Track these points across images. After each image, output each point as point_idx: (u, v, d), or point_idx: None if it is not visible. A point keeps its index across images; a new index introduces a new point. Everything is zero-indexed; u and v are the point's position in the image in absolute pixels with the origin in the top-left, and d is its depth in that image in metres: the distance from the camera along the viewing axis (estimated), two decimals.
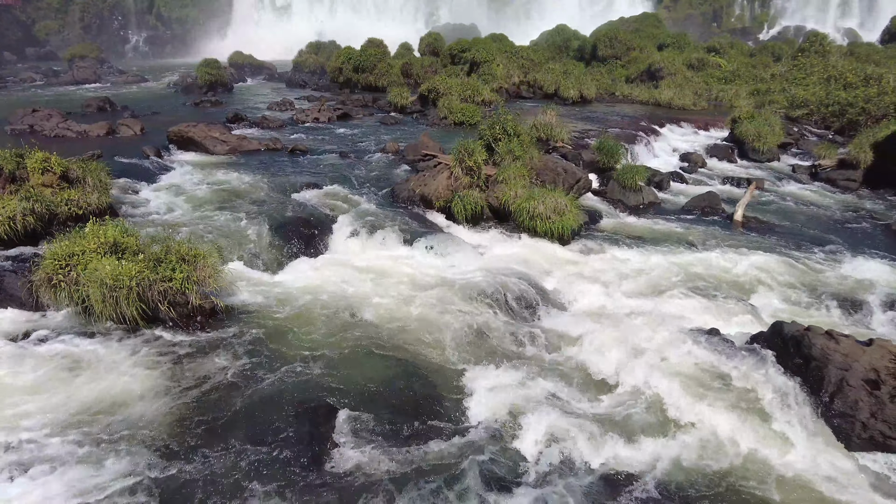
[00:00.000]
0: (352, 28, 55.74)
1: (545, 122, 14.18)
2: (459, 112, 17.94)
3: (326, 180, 11.52)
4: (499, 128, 11.35)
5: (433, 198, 10.34)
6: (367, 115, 20.54)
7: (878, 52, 32.90)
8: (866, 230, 11.24)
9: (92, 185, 9.35)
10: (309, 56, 35.25)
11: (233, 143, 14.64)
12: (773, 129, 17.02)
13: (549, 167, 11.45)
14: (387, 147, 14.36)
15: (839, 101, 20.56)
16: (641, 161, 14.74)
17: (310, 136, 16.71)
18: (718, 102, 23.73)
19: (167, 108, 22.50)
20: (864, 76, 22.00)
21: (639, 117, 19.61)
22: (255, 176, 11.81)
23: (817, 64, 26.36)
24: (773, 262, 9.14)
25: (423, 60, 29.06)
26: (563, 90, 23.57)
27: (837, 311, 7.87)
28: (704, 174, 14.79)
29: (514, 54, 27.36)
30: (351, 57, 27.57)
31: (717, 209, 11.73)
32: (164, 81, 33.40)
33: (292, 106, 22.14)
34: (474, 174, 10.44)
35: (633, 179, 11.93)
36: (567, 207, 9.58)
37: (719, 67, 27.67)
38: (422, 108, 21.23)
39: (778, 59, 30.92)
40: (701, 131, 19.18)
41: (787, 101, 22.19)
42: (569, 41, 33.72)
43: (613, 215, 11.32)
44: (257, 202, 10.14)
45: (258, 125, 18.05)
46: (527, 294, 7.62)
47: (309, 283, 7.79)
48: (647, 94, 23.87)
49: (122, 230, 7.24)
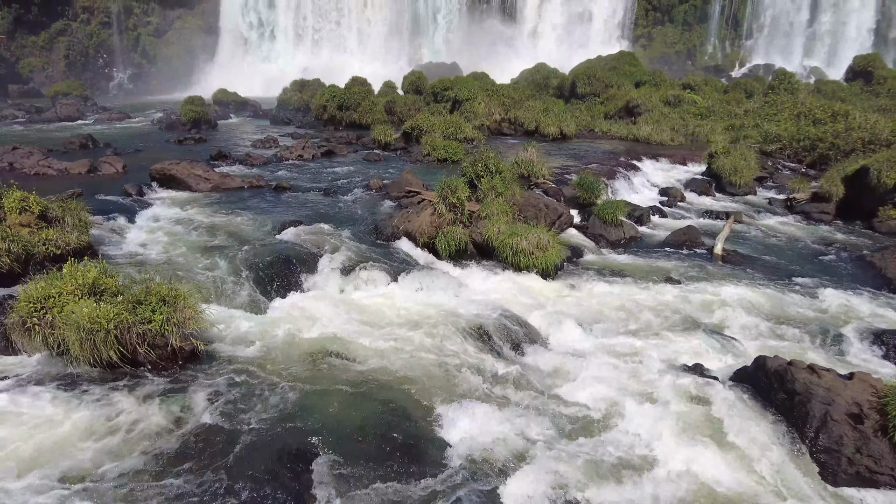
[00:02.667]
0: (336, 66, 56.64)
1: (526, 158, 14.43)
2: (443, 149, 18.19)
3: (310, 218, 11.52)
4: (481, 165, 11.52)
5: (417, 234, 10.39)
6: (351, 152, 20.72)
7: (844, 89, 34.24)
8: (842, 262, 11.47)
9: (71, 225, 9.25)
10: (293, 94, 35.65)
11: (216, 181, 14.64)
12: (748, 163, 17.45)
13: (532, 203, 11.60)
14: (371, 184, 14.46)
15: (810, 137, 21.23)
16: (621, 196, 15.00)
17: (294, 173, 16.77)
18: (695, 137, 24.35)
19: (150, 145, 22.50)
20: (832, 112, 22.79)
21: (618, 153, 20.04)
22: (238, 214, 11.78)
23: (787, 101, 27.28)
24: (753, 294, 9.27)
25: (407, 98, 29.56)
26: (544, 127, 24.06)
27: (818, 343, 7.96)
28: (684, 208, 15.08)
29: (496, 92, 27.97)
30: (335, 95, 27.96)
31: (698, 243, 11.92)
32: (148, 118, 33.48)
33: (276, 143, 22.27)
34: (458, 211, 10.53)
35: (614, 214, 12.12)
36: (549, 243, 9.68)
37: (695, 104, 28.51)
38: (405, 145, 21.49)
39: (750, 95, 31.96)
40: (679, 166, 19.63)
41: (760, 136, 22.85)
42: (548, 79, 34.62)
43: (595, 250, 11.44)
44: (240, 240, 10.09)
45: (242, 162, 18.08)
46: (511, 331, 7.61)
47: (291, 322, 7.70)
48: (626, 130, 24.45)
49: (101, 271, 7.14)
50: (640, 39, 60.91)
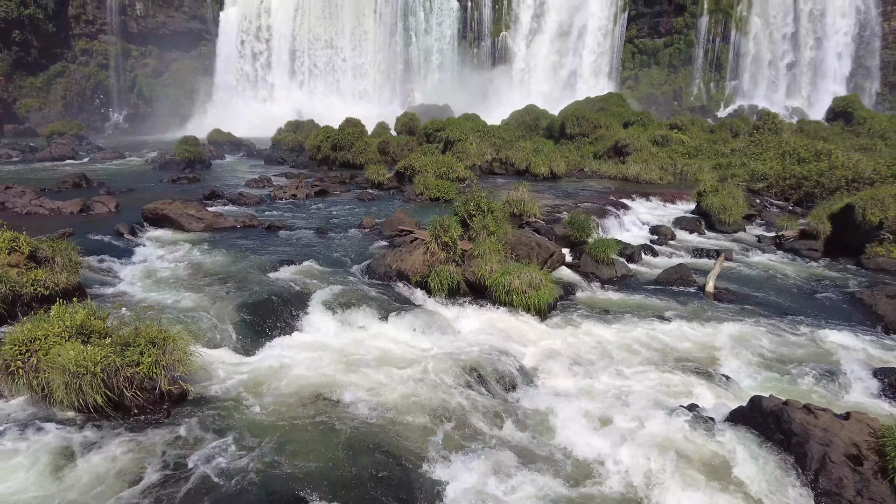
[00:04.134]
0: (330, 108, 57.71)
1: (518, 197, 14.58)
2: (435, 188, 18.39)
3: (303, 257, 11.51)
4: (473, 204, 11.62)
5: (410, 273, 10.39)
6: (344, 191, 20.89)
7: (825, 129, 35.13)
8: (832, 299, 11.53)
9: (61, 265, 9.18)
10: (288, 134, 36.15)
11: (209, 220, 14.66)
12: (736, 201, 17.69)
13: (523, 242, 11.66)
14: (364, 223, 14.53)
15: (795, 175, 21.64)
16: (612, 234, 15.13)
17: (287, 212, 16.83)
18: (683, 176, 24.77)
19: (144, 184, 22.59)
20: (815, 152, 23.34)
21: (608, 192, 20.32)
22: (231, 254, 11.75)
23: (772, 140, 27.93)
24: (746, 332, 9.27)
25: (400, 139, 30.04)
26: (534, 167, 24.45)
27: (812, 381, 7.92)
28: (674, 246, 15.19)
29: (487, 133, 28.50)
30: (329, 135, 28.38)
31: (689, 281, 11.96)
32: (143, 158, 33.73)
33: (270, 183, 22.43)
34: (450, 249, 10.57)
35: (605, 253, 12.18)
36: (542, 282, 9.69)
37: (682, 143, 29.10)
38: (398, 185, 21.72)
39: (736, 135, 32.70)
40: (668, 204, 19.89)
41: (747, 174, 23.27)
42: (538, 120, 35.35)
43: (587, 288, 11.45)
44: (231, 280, 10.03)
45: (235, 202, 18.14)
46: (505, 372, 7.53)
47: (282, 364, 7.59)
48: (615, 170, 24.86)
49: (89, 312, 7.05)
50: (627, 81, 62.62)
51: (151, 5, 70.60)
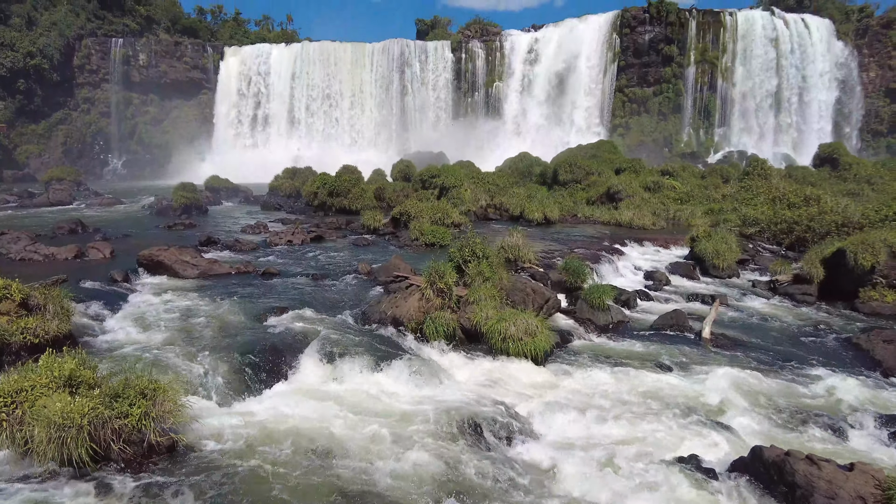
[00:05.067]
0: (327, 155, 58.56)
1: (512, 243, 14.65)
2: (430, 234, 18.49)
3: (297, 304, 11.45)
4: (468, 250, 11.67)
5: (405, 320, 10.32)
6: (340, 237, 20.97)
7: (813, 174, 35.81)
8: (829, 344, 11.49)
9: (52, 313, 9.09)
10: (285, 180, 36.54)
11: (203, 267, 14.63)
12: (729, 246, 17.83)
13: (519, 288, 11.66)
14: (359, 269, 14.53)
15: (786, 220, 21.89)
16: (607, 280, 15.16)
17: (282, 258, 16.84)
18: (676, 221, 25.03)
19: (140, 230, 22.63)
20: (805, 197, 23.71)
21: (602, 237, 20.48)
22: (225, 301, 11.67)
23: (762, 186, 28.40)
24: (744, 380, 9.18)
25: (396, 185, 30.41)
26: (528, 212, 24.70)
27: (813, 429, 7.80)
28: (669, 291, 15.21)
29: (481, 179, 28.92)
30: (326, 182, 28.70)
31: (685, 327, 11.92)
32: (140, 204, 33.91)
33: (266, 229, 22.52)
34: (445, 295, 10.55)
35: (601, 299, 12.18)
36: (538, 328, 9.64)
37: (674, 189, 29.55)
38: (394, 231, 21.84)
39: (726, 180, 33.26)
40: (662, 250, 20.02)
41: (739, 219, 23.55)
42: (531, 167, 35.94)
43: (584, 335, 11.39)
44: (225, 328, 9.93)
45: (231, 248, 18.15)
46: (503, 424, 7.39)
47: (275, 415, 7.43)
48: (608, 215, 25.13)
49: (78, 362, 6.94)
50: (618, 128, 64.06)
51: (154, 56, 72.51)
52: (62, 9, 70.17)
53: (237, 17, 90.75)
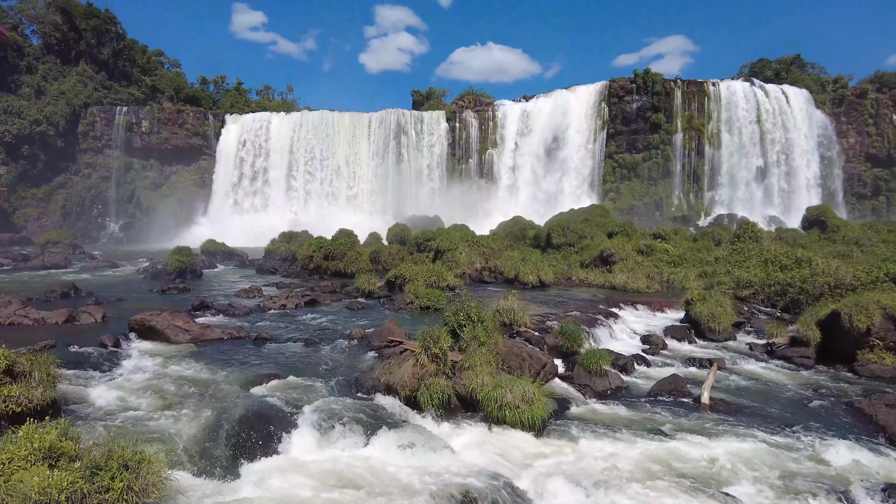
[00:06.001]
0: (325, 219, 59.31)
1: (507, 306, 14.63)
2: (425, 297, 18.46)
3: (289, 371, 11.25)
4: (463, 314, 11.61)
5: (399, 387, 10.12)
6: (334, 300, 20.89)
7: (802, 237, 36.38)
8: (830, 409, 11.29)
9: (37, 380, 8.88)
10: (281, 244, 36.77)
11: (195, 332, 14.47)
12: (724, 309, 17.82)
13: (514, 352, 11.54)
14: (353, 333, 14.39)
15: (779, 282, 22.01)
16: (603, 344, 15.04)
17: (276, 323, 16.69)
18: (670, 284, 25.12)
19: (134, 294, 22.50)
20: (796, 258, 23.95)
21: (597, 300, 20.48)
22: (215, 367, 11.48)
23: (753, 248, 28.74)
24: (746, 447, 8.96)
25: (391, 248, 30.64)
26: (523, 275, 24.80)
27: (819, 500, 7.55)
28: (666, 356, 15.07)
29: (476, 242, 29.21)
30: (322, 245, 28.89)
31: (684, 392, 11.73)
32: (135, 267, 33.90)
33: (260, 293, 22.44)
34: (440, 361, 10.40)
35: (598, 364, 12.03)
36: (535, 396, 9.45)
37: (667, 252, 29.87)
38: (389, 294, 21.80)
39: (718, 243, 33.69)
40: (658, 313, 19.99)
41: (732, 281, 23.66)
42: (525, 230, 36.42)
43: (581, 402, 11.17)
44: (214, 396, 9.71)
45: (224, 312, 18.03)
46: (498, 497, 7.11)
47: (263, 491, 7.14)
48: (602, 278, 25.23)
49: (60, 433, 6.71)
50: (609, 193, 65.47)
51: (157, 123, 74.63)
52: (71, 79, 72.78)
53: (239, 86, 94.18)
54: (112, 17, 77.97)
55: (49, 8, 73.70)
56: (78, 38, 74.78)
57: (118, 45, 79.03)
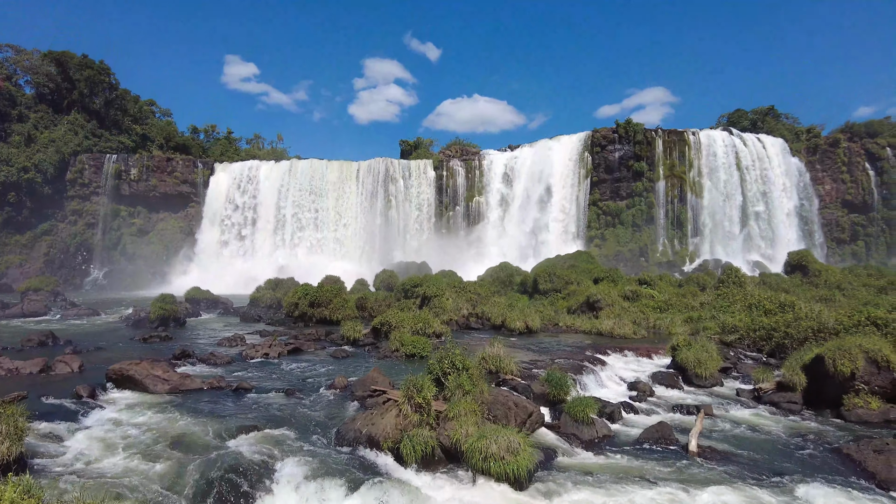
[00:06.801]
0: (312, 266, 59.21)
1: (493, 353, 14.50)
2: (411, 344, 18.27)
3: (268, 422, 10.97)
4: (447, 361, 11.49)
5: (381, 438, 9.87)
6: (318, 348, 20.59)
7: (786, 281, 36.85)
8: (820, 455, 11.18)
9: (4, 433, 8.58)
10: (266, 292, 36.49)
11: (175, 382, 14.15)
12: (710, 354, 17.76)
13: (500, 401, 11.36)
14: (335, 383, 14.13)
15: (764, 326, 22.09)
16: (590, 391, 14.88)
17: (257, 372, 16.38)
18: (657, 330, 25.10)
19: (114, 343, 22.06)
20: (780, 303, 24.14)
21: (583, 347, 20.38)
22: (193, 418, 11.17)
23: (738, 293, 28.97)
24: (737, 497, 8.80)
25: (378, 295, 30.51)
26: (510, 321, 24.69)
27: None
28: (653, 403, 14.92)
29: (463, 289, 29.20)
30: (307, 292, 28.70)
31: (671, 440, 11.57)
32: (117, 315, 33.35)
33: (243, 341, 22.11)
34: (424, 411, 10.20)
35: (584, 412, 11.87)
36: (520, 446, 9.26)
37: (652, 298, 30.00)
38: (374, 341, 21.56)
39: (703, 288, 33.96)
40: (644, 359, 19.89)
41: (718, 327, 23.71)
42: (512, 276, 36.54)
43: (568, 451, 10.95)
44: (191, 449, 9.41)
45: (205, 361, 17.70)
46: None
47: None
48: (589, 324, 25.18)
49: (23, 489, 6.45)
50: (594, 240, 66.27)
51: (146, 171, 75.04)
52: (62, 127, 73.47)
53: (229, 135, 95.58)
54: (106, 68, 79.52)
55: (44, 59, 75.10)
56: (71, 87, 75.96)
57: (111, 94, 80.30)
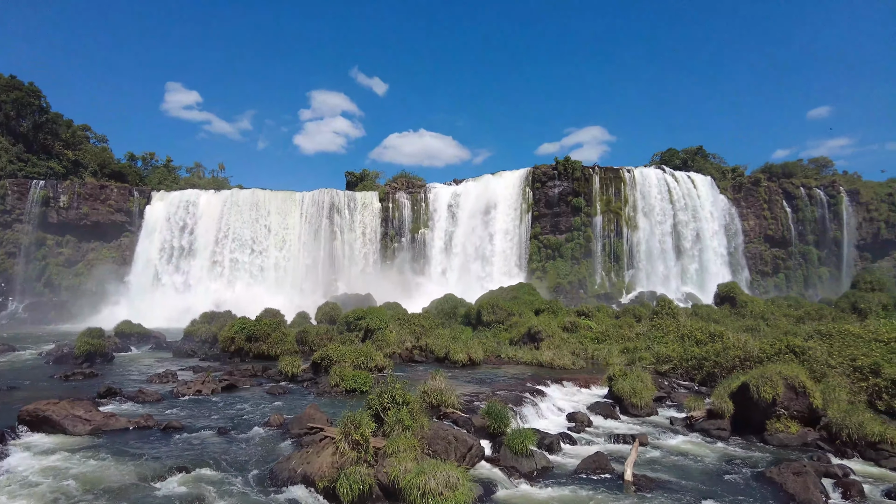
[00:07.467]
0: (252, 299, 57.34)
1: (435, 387, 14.47)
2: (351, 379, 17.93)
3: (198, 463, 10.48)
4: (387, 396, 11.37)
5: (316, 477, 9.61)
6: (255, 384, 19.90)
7: (716, 312, 38.71)
8: (745, 479, 11.67)
9: None
10: (202, 325, 35.03)
11: (98, 422, 13.34)
12: (645, 384, 18.32)
13: (440, 436, 11.32)
14: (271, 420, 13.68)
15: (695, 356, 23.04)
16: (530, 423, 15.03)
17: (188, 410, 15.65)
18: (595, 360, 25.72)
19: (32, 381, 20.58)
20: (710, 333, 25.28)
21: (524, 378, 20.62)
22: (115, 461, 10.53)
23: (671, 324, 30.14)
24: None
25: (319, 328, 29.87)
26: (453, 354, 24.72)
27: None
28: (591, 433, 15.22)
29: (407, 321, 29.05)
30: (245, 326, 27.77)
31: (608, 469, 11.81)
32: (38, 351, 31.14)
33: (175, 377, 21.10)
34: (362, 448, 10.03)
35: (524, 444, 11.96)
36: (459, 480, 9.23)
37: (590, 329, 30.79)
38: (314, 376, 21.03)
39: (639, 319, 35.11)
40: (583, 389, 20.31)
41: (653, 357, 24.53)
42: (456, 308, 36.70)
43: (508, 484, 10.99)
44: (109, 495, 8.84)
45: (133, 399, 16.80)
46: None
47: None
48: (530, 356, 25.52)
49: None
50: (536, 272, 67.76)
51: (77, 198, 71.30)
52: None
53: (168, 163, 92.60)
54: (36, 90, 75.91)
55: None
56: None
57: (40, 117, 76.46)
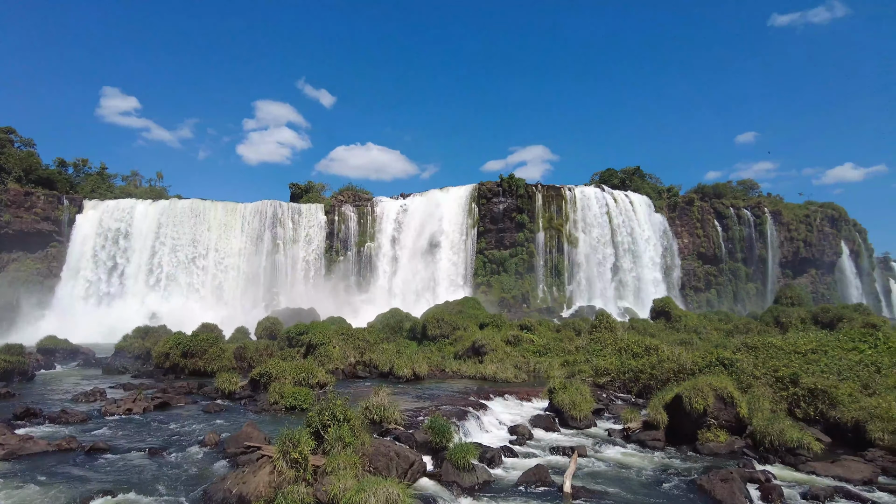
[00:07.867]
0: (189, 313, 55.10)
1: (378, 402, 14.33)
2: (291, 396, 17.49)
3: (125, 487, 9.95)
4: (328, 413, 11.20)
5: (252, 498, 9.31)
6: (190, 402, 19.10)
7: (652, 326, 40.24)
8: (679, 488, 12.12)
9: None
10: (135, 341, 33.31)
11: (12, 446, 12.45)
12: (584, 397, 18.74)
13: (382, 452, 11.21)
14: (206, 440, 13.15)
15: (632, 369, 23.79)
16: (473, 437, 15.10)
17: (117, 430, 14.84)
18: (536, 373, 26.15)
19: None
20: (646, 347, 26.20)
21: (468, 392, 20.73)
22: (31, 488, 9.84)
23: (609, 337, 31.05)
24: None
25: (259, 344, 29.05)
26: (398, 368, 24.56)
27: None
28: (532, 446, 15.42)
29: (351, 336, 28.67)
30: (180, 341, 26.65)
31: (548, 482, 11.99)
32: None
33: (103, 395, 19.96)
34: (300, 466, 9.81)
35: (465, 458, 12.00)
36: (399, 497, 9.16)
37: (532, 342, 31.32)
38: (252, 394, 20.38)
39: (578, 333, 35.96)
40: (525, 402, 20.58)
41: (592, 369, 25.13)
42: (402, 322, 36.56)
43: (450, 499, 10.97)
44: None
45: (55, 420, 15.79)
46: None
47: None
48: (474, 369, 25.69)
49: None
50: (481, 286, 68.55)
51: None
52: None
53: (102, 171, 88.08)
54: None
55: None
56: None
57: None
